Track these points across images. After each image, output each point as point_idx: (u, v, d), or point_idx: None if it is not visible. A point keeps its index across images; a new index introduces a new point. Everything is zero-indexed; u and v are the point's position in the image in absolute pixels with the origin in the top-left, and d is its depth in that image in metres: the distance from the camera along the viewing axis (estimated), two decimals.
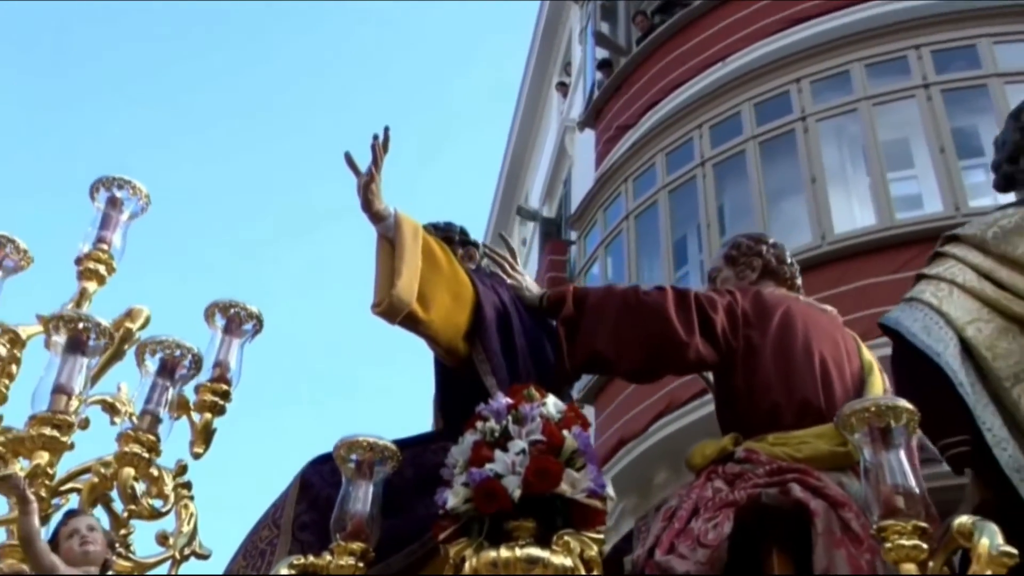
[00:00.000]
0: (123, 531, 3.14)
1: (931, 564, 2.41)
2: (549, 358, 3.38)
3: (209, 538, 3.34)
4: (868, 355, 3.40)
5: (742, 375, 3.29)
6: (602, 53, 12.89)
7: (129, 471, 2.86)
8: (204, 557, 3.01)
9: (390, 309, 3.07)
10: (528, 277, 3.54)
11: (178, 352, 3.06)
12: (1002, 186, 3.18)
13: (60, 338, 2.93)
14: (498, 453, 2.64)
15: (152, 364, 3.05)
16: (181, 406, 3.30)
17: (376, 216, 3.19)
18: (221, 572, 3.14)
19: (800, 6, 9.80)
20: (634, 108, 11.12)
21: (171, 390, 3.04)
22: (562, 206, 15.01)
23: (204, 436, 3.26)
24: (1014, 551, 2.26)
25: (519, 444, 2.65)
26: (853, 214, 8.43)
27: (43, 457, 2.76)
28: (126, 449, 2.86)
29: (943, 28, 8.77)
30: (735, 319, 3.31)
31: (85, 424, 3.34)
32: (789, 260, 3.70)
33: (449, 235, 3.70)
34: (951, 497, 2.88)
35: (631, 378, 3.49)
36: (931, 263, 3.04)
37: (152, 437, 2.89)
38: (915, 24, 8.91)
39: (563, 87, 16.70)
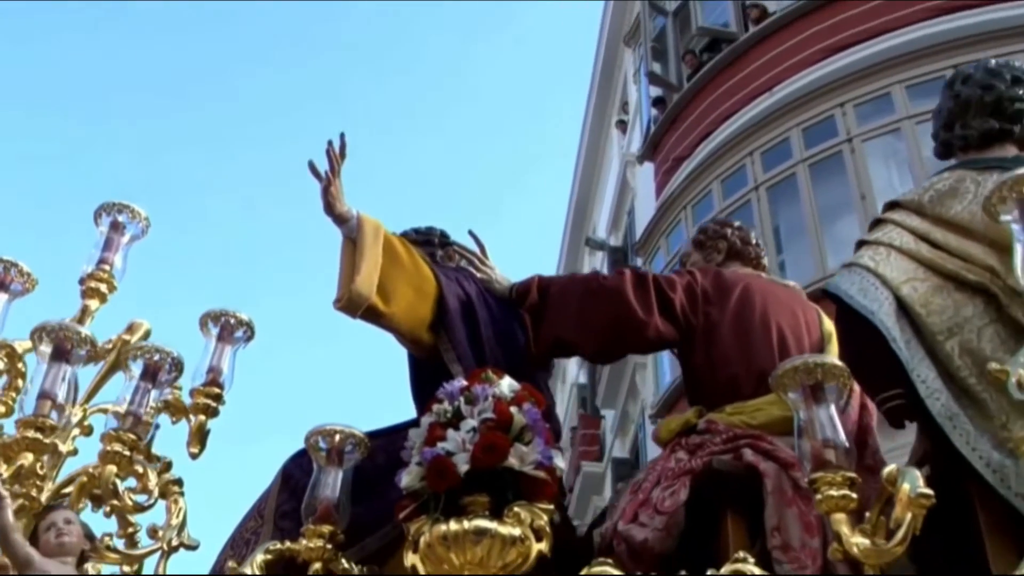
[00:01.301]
0: (130, 528, 3.23)
1: (867, 514, 2.42)
2: (520, 345, 3.44)
3: (210, 532, 3.45)
4: (830, 326, 3.42)
5: (702, 350, 3.32)
6: (656, 91, 13.40)
7: (111, 468, 2.93)
8: (192, 548, 3.08)
9: (350, 304, 3.15)
10: (498, 271, 3.60)
11: (158, 356, 3.14)
12: (941, 153, 3.18)
13: (46, 348, 3.03)
14: (450, 432, 2.70)
15: (136, 368, 3.14)
16: (178, 410, 3.39)
17: (339, 218, 3.27)
18: (212, 562, 3.24)
19: (840, 35, 10.13)
20: (689, 140, 11.63)
21: (153, 392, 3.12)
22: (627, 235, 15.82)
23: (199, 437, 3.33)
24: (931, 493, 2.28)
25: (470, 423, 2.70)
26: None
27: (27, 458, 2.86)
28: (108, 448, 2.94)
29: (979, 48, 8.84)
30: (694, 297, 3.35)
31: (89, 431, 3.46)
32: (754, 241, 3.76)
33: (430, 238, 3.79)
34: None
35: (595, 359, 3.55)
36: (873, 229, 3.05)
37: (133, 436, 2.96)
38: (951, 46, 9.18)
39: (622, 125, 17.60)
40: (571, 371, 19.89)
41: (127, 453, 2.95)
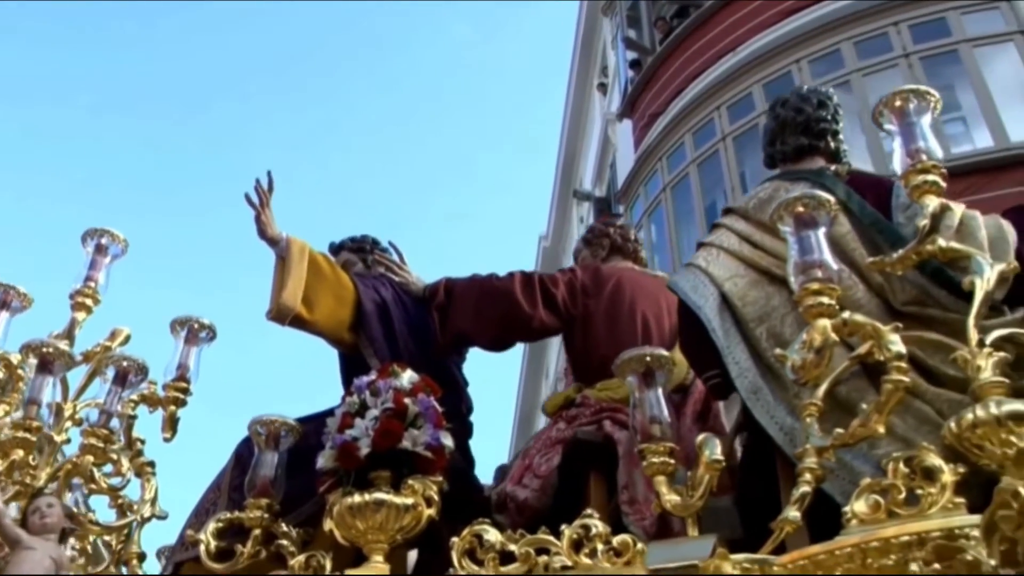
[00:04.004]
0: (119, 501, 3.64)
1: (690, 474, 2.79)
2: (433, 338, 3.83)
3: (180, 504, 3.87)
4: None
5: (580, 336, 3.72)
6: (632, 55, 13.79)
7: (88, 458, 3.36)
8: (162, 518, 3.50)
9: (278, 314, 3.56)
10: (414, 275, 3.98)
11: (126, 363, 3.54)
12: (767, 164, 3.55)
13: (33, 360, 3.44)
14: (357, 421, 3.09)
15: (110, 373, 3.54)
16: (154, 401, 3.79)
17: (271, 241, 3.67)
18: (179, 529, 3.66)
19: None
20: (662, 98, 12.00)
21: (123, 393, 3.51)
22: (610, 186, 16.19)
23: (171, 424, 3.74)
24: (721, 459, 2.64)
25: (373, 412, 3.09)
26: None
27: (19, 453, 3.28)
28: (86, 441, 3.37)
29: (917, 5, 9.34)
30: (574, 291, 3.74)
31: (80, 423, 3.86)
32: (633, 237, 4.14)
33: (363, 245, 4.19)
34: None
35: (491, 348, 3.91)
36: (711, 232, 3.42)
37: (106, 431, 3.38)
38: (893, 4, 9.50)
39: (603, 87, 18.21)
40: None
41: (101, 445, 3.37)
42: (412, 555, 3.73)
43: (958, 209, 3.06)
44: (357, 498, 2.94)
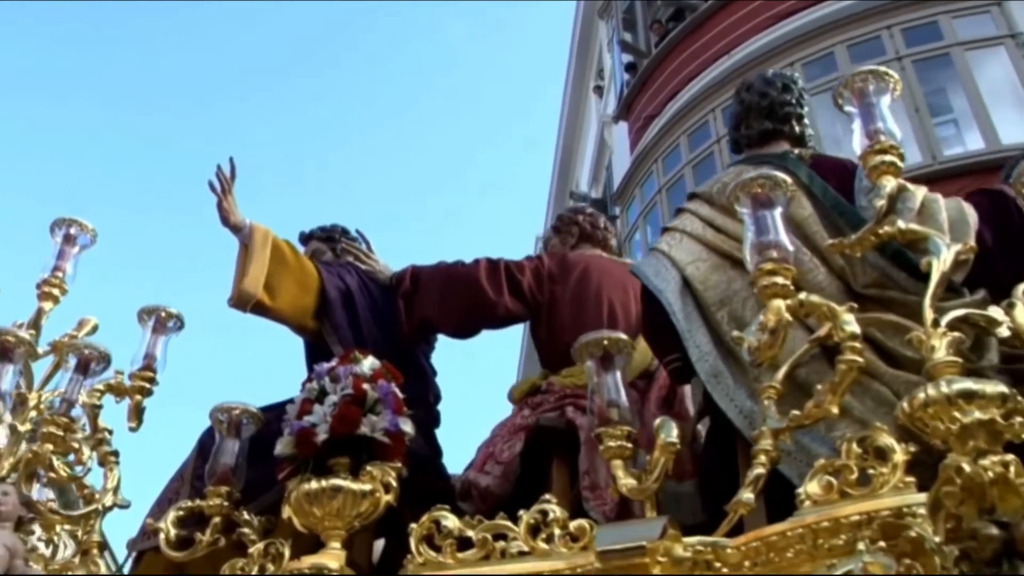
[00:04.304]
0: (85, 491, 3.59)
1: (648, 457, 2.75)
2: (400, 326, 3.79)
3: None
4: None
5: (546, 323, 3.68)
6: (627, 58, 13.77)
7: (48, 446, 3.31)
8: (124, 507, 3.45)
9: (239, 301, 3.52)
10: (381, 262, 3.94)
11: (87, 351, 3.50)
12: (733, 149, 3.51)
13: None
14: (316, 407, 3.04)
15: (71, 361, 3.49)
16: (120, 391, 3.73)
17: (234, 228, 3.62)
18: (143, 518, 3.61)
19: (787, 3, 10.48)
20: (658, 100, 11.98)
21: (84, 381, 3.46)
22: (606, 187, 16.34)
23: (136, 413, 3.68)
24: (676, 441, 2.59)
25: (332, 398, 3.04)
26: None
27: None
28: (45, 430, 3.32)
29: (909, 9, 9.34)
30: (540, 278, 3.70)
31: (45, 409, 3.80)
32: (602, 225, 4.09)
33: (332, 234, 4.15)
34: None
35: (455, 335, 3.87)
36: (676, 216, 3.38)
37: (66, 419, 3.33)
38: (885, 8, 9.50)
39: (599, 90, 18.29)
40: None
41: (61, 433, 3.32)
42: (380, 545, 3.69)
43: (919, 192, 3.03)
44: (314, 484, 2.90)
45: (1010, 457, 2.02)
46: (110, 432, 3.66)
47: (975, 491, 2.02)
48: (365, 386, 3.04)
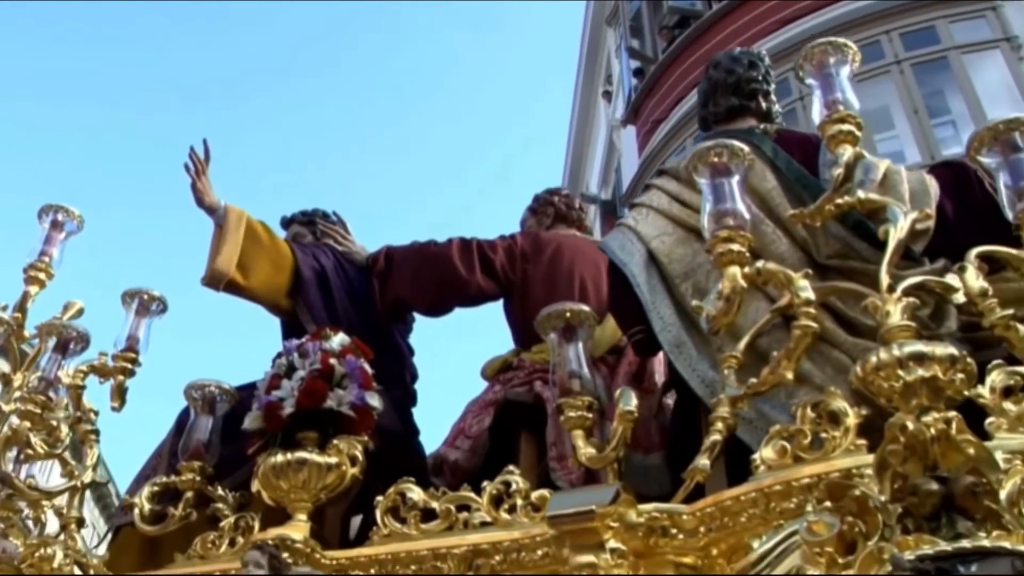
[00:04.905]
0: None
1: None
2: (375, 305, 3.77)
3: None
4: None
5: (518, 301, 3.65)
6: (635, 64, 13.88)
7: (25, 424, 3.30)
8: (103, 484, 3.45)
9: (211, 279, 3.50)
10: (358, 244, 3.92)
11: (66, 332, 3.48)
12: (701, 126, 3.47)
13: None
14: (284, 382, 3.02)
15: (50, 342, 3.48)
16: (104, 372, 3.72)
17: (208, 209, 3.61)
18: (123, 493, 3.59)
19: (789, 9, 10.58)
20: (665, 104, 12.05)
21: (63, 361, 3.45)
22: (615, 189, 16.41)
23: (119, 394, 3.67)
24: (633, 410, 2.55)
25: (300, 373, 3.02)
26: None
27: None
28: (23, 408, 3.31)
29: (907, 15, 9.45)
30: (513, 257, 3.67)
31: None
32: (577, 205, 4.07)
33: (312, 218, 4.13)
34: None
35: (428, 313, 3.84)
36: (644, 192, 3.35)
37: (44, 397, 3.32)
38: (884, 13, 9.60)
39: (607, 95, 18.25)
40: None
41: (39, 411, 3.31)
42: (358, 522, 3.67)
43: (882, 163, 2.99)
44: (280, 457, 2.87)
45: (952, 414, 1.99)
46: (96, 413, 3.65)
47: (918, 448, 1.99)
48: (332, 361, 3.01)
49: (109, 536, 3.67)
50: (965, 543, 1.83)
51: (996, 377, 2.21)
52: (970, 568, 1.78)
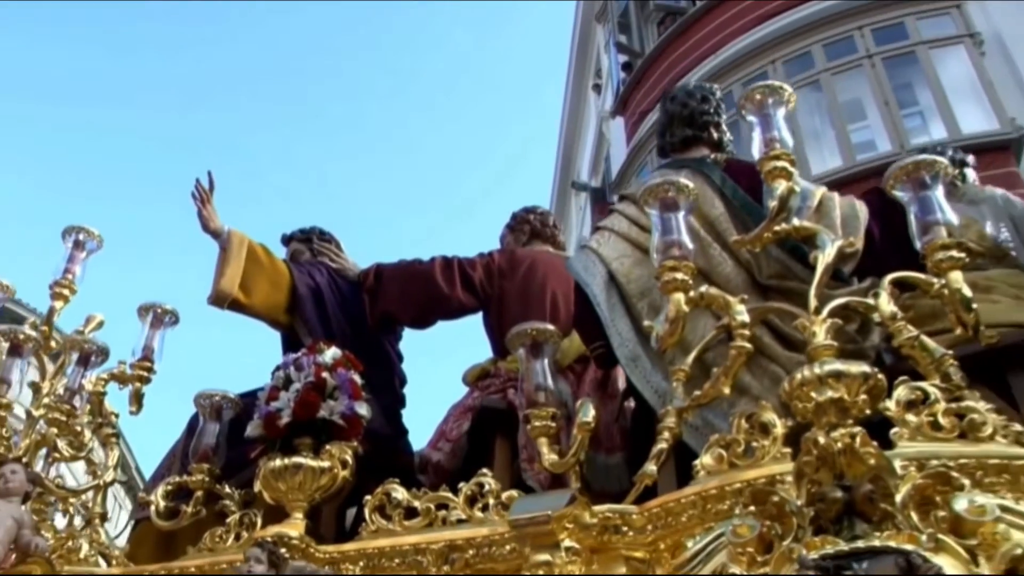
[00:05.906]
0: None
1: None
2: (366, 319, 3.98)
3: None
4: None
5: (496, 315, 3.86)
6: (623, 58, 14.16)
7: (53, 430, 3.54)
8: (123, 482, 3.68)
9: (217, 299, 3.73)
10: (350, 261, 4.14)
11: (87, 345, 3.71)
12: (660, 154, 3.67)
13: (4, 344, 3.62)
14: (282, 393, 3.23)
15: (73, 355, 3.71)
16: (123, 379, 3.94)
17: (213, 234, 3.83)
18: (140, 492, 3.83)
19: (768, 6, 10.77)
20: (651, 96, 12.15)
21: (85, 372, 3.68)
22: (605, 177, 16.63)
23: (137, 399, 3.89)
24: (591, 421, 2.74)
25: (296, 385, 3.23)
26: (824, 159, 9.26)
27: None
28: (50, 415, 3.54)
29: (878, 11, 9.70)
30: (491, 273, 3.88)
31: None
32: (551, 223, 4.27)
33: (309, 236, 4.35)
34: None
35: (413, 326, 4.06)
36: (607, 216, 3.54)
37: (68, 406, 3.55)
38: (857, 10, 9.84)
39: (597, 88, 18.63)
40: None
41: (64, 419, 3.54)
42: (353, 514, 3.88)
43: (818, 191, 3.19)
44: (278, 462, 3.09)
45: (857, 429, 2.19)
46: (116, 415, 3.88)
47: (828, 459, 2.20)
48: (325, 374, 3.22)
49: (128, 530, 3.88)
50: (860, 543, 2.04)
51: (901, 392, 2.41)
52: (862, 565, 1.99)
